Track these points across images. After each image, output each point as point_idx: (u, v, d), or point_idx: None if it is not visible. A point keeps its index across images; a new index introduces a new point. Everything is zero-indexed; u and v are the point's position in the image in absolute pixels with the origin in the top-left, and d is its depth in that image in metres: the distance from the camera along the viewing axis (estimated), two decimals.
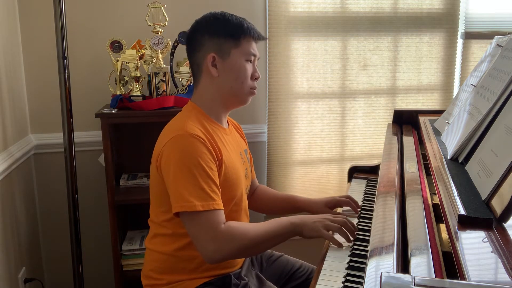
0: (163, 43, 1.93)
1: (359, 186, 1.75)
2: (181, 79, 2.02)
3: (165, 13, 1.95)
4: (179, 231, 1.26)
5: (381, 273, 0.66)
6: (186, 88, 2.02)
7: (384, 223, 1.05)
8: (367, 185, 1.75)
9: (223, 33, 1.29)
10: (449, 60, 2.40)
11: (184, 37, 1.95)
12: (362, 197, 1.61)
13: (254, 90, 1.35)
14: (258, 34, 1.34)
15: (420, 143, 1.65)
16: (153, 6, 1.94)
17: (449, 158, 1.23)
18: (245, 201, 1.41)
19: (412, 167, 1.35)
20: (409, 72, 2.39)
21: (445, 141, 1.38)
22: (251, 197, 1.61)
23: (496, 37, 1.57)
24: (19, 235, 1.90)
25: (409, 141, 1.67)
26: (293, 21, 2.22)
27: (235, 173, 1.32)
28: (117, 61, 1.94)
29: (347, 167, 1.94)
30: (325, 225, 1.23)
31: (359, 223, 1.39)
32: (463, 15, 2.37)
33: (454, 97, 2.11)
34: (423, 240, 0.90)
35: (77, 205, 1.87)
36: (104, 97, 2.06)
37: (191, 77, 1.99)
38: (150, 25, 1.94)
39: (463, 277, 0.70)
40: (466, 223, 0.86)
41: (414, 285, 0.63)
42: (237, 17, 1.33)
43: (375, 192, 1.40)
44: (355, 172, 1.90)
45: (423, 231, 0.93)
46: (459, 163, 1.19)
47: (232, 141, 1.38)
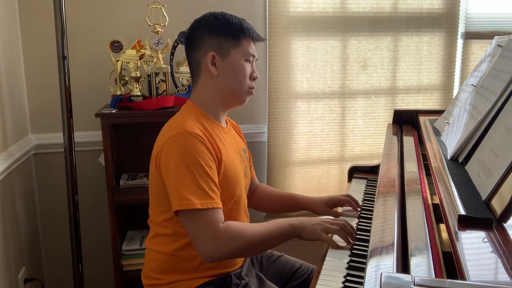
0: (163, 43, 1.93)
1: (359, 186, 1.75)
2: (181, 79, 2.02)
3: (165, 13, 1.95)
4: (179, 230, 1.26)
5: (381, 273, 0.66)
6: (186, 88, 2.02)
7: (384, 223, 1.05)
8: (367, 185, 1.75)
9: (223, 32, 1.30)
10: (449, 60, 2.40)
11: (184, 37, 1.95)
12: (362, 197, 1.61)
13: (252, 90, 1.36)
14: (257, 35, 1.35)
15: (420, 143, 1.65)
16: (153, 6, 1.94)
17: (449, 158, 1.23)
18: (244, 200, 1.41)
19: (412, 167, 1.35)
20: (409, 72, 2.39)
21: (445, 141, 1.38)
22: (252, 196, 1.62)
23: (496, 37, 1.57)
24: (19, 235, 1.90)
25: (409, 141, 1.67)
26: (293, 21, 2.22)
27: (234, 171, 1.32)
28: (117, 61, 1.94)
29: (347, 167, 1.94)
30: (324, 228, 1.24)
31: (359, 223, 1.39)
32: (463, 15, 2.37)
33: (454, 97, 2.11)
34: (423, 240, 0.90)
35: (77, 205, 1.87)
36: (104, 97, 2.06)
37: (191, 77, 1.98)
38: (150, 25, 1.94)
39: (463, 277, 0.70)
40: (466, 223, 0.86)
41: (414, 285, 0.63)
42: (237, 17, 1.34)
43: (375, 192, 1.40)
44: (355, 172, 1.90)
45: (423, 231, 0.93)
46: (459, 163, 1.19)
47: (230, 140, 1.39)
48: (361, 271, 1.10)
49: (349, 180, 1.88)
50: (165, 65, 1.94)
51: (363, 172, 1.90)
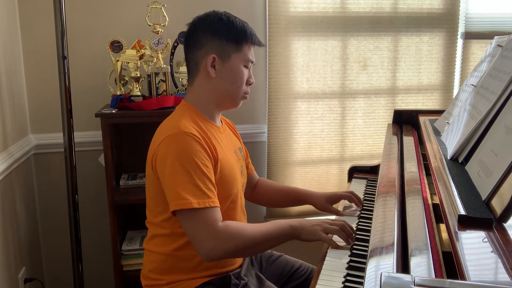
0: (163, 43, 1.93)
1: (359, 186, 1.75)
2: (181, 79, 2.02)
3: (165, 13, 1.95)
4: (177, 230, 1.26)
5: (381, 273, 0.66)
6: (186, 88, 2.01)
7: (384, 223, 1.05)
8: (367, 185, 1.75)
9: (226, 36, 1.29)
10: (449, 60, 2.40)
11: (184, 37, 1.95)
12: (362, 197, 1.61)
13: (247, 95, 1.37)
14: (258, 40, 1.35)
15: (420, 143, 1.65)
16: (153, 6, 1.94)
17: (449, 158, 1.23)
18: (241, 199, 1.42)
19: (412, 167, 1.35)
20: (409, 72, 2.39)
21: (445, 141, 1.38)
22: (253, 191, 1.63)
23: (496, 37, 1.57)
24: (19, 235, 1.90)
25: (409, 141, 1.67)
26: (293, 21, 2.22)
27: (231, 170, 1.32)
28: (117, 61, 1.93)
29: (347, 167, 1.94)
30: (323, 228, 1.24)
31: (359, 223, 1.39)
32: (463, 15, 2.37)
33: (454, 97, 2.11)
34: (423, 240, 0.90)
35: (77, 205, 1.87)
36: (104, 97, 2.06)
37: (187, 74, 1.98)
38: (150, 25, 1.94)
39: (463, 277, 0.70)
40: (466, 223, 0.86)
41: (414, 285, 0.63)
42: (240, 20, 1.33)
43: (375, 192, 1.40)
44: (355, 172, 1.90)
45: (423, 231, 0.93)
46: (459, 163, 1.19)
47: (226, 139, 1.39)
48: (361, 271, 1.10)
49: (349, 180, 1.88)
50: (165, 65, 1.94)
51: (363, 172, 1.90)
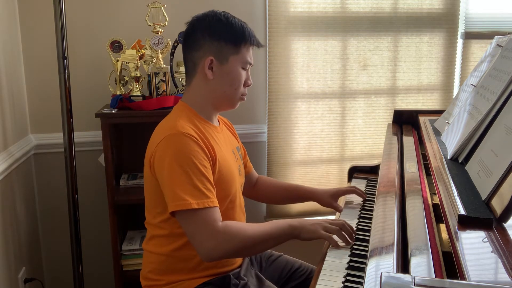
0: (163, 43, 1.93)
1: (359, 186, 1.75)
2: (181, 79, 2.02)
3: (165, 13, 1.95)
4: (176, 231, 1.26)
5: (381, 273, 0.66)
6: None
7: (384, 223, 1.05)
8: (367, 185, 1.75)
9: (224, 37, 1.29)
10: (449, 60, 2.40)
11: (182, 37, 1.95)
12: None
13: (244, 96, 1.37)
14: (257, 42, 1.35)
15: (420, 143, 1.65)
16: (153, 6, 1.94)
17: (449, 158, 1.23)
18: (240, 198, 1.42)
19: (412, 167, 1.35)
20: (409, 72, 2.39)
21: (445, 141, 1.38)
22: (254, 188, 1.64)
23: (496, 37, 1.57)
24: (19, 235, 1.90)
25: (409, 141, 1.67)
26: (293, 21, 2.22)
27: (229, 170, 1.32)
28: (117, 61, 1.94)
29: (347, 167, 1.94)
30: (323, 227, 1.24)
31: (359, 223, 1.39)
32: (463, 15, 2.37)
33: (454, 97, 2.11)
34: (423, 240, 0.90)
35: (77, 205, 1.87)
36: (104, 97, 2.06)
37: (185, 74, 1.98)
38: (150, 25, 1.94)
39: (463, 277, 0.70)
40: (466, 223, 0.86)
41: (414, 285, 0.63)
42: (240, 21, 1.32)
43: (375, 192, 1.40)
44: (355, 172, 1.90)
45: (423, 231, 0.93)
46: (459, 163, 1.19)
47: (224, 139, 1.39)
48: (361, 271, 1.10)
49: (349, 180, 1.88)
50: (165, 65, 1.94)
51: (363, 172, 1.90)
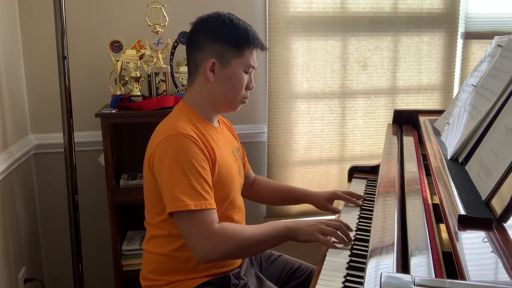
0: (163, 43, 1.93)
1: (359, 186, 1.75)
2: (181, 79, 2.02)
3: (165, 13, 1.95)
4: (175, 231, 1.26)
5: (381, 273, 0.66)
6: (185, 88, 2.01)
7: (384, 223, 1.05)
8: (367, 185, 1.75)
9: (227, 40, 1.28)
10: (449, 60, 2.40)
11: (184, 37, 1.95)
12: None
13: (245, 99, 1.36)
14: (262, 45, 1.33)
15: (420, 143, 1.65)
16: (153, 6, 1.94)
17: (449, 158, 1.23)
18: (239, 199, 1.42)
19: (412, 167, 1.35)
20: (409, 72, 2.39)
21: (445, 141, 1.38)
22: (251, 189, 1.63)
23: (496, 37, 1.57)
24: (19, 235, 1.90)
25: (409, 141, 1.67)
26: (293, 21, 2.22)
27: (229, 171, 1.32)
28: (117, 61, 1.93)
29: (347, 167, 1.94)
30: (320, 229, 1.24)
31: (359, 223, 1.39)
32: (463, 15, 2.37)
33: (454, 97, 2.11)
34: (423, 240, 0.90)
35: (77, 205, 1.87)
36: (104, 97, 2.06)
37: (188, 75, 1.98)
38: (150, 25, 1.94)
39: (463, 277, 0.70)
40: (466, 223, 0.86)
41: (414, 285, 0.63)
42: (244, 24, 1.31)
43: (375, 192, 1.40)
44: (355, 172, 1.90)
45: (423, 231, 0.93)
46: (459, 163, 1.19)
47: (224, 140, 1.39)
48: (361, 271, 1.10)
49: (349, 180, 1.88)
50: (165, 65, 1.94)
51: (363, 172, 1.90)
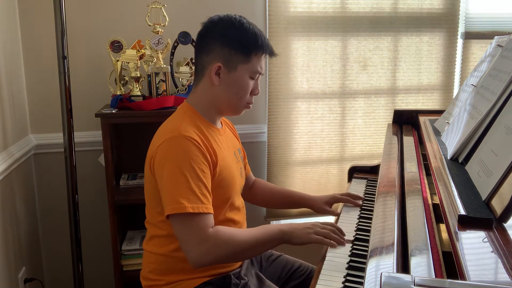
0: (163, 43, 1.93)
1: (359, 186, 1.75)
2: (181, 79, 2.02)
3: (165, 13, 1.95)
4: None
5: (381, 273, 0.66)
6: (186, 88, 2.01)
7: (384, 223, 1.05)
8: (367, 185, 1.75)
9: (235, 45, 1.26)
10: (449, 60, 2.40)
11: (184, 37, 1.95)
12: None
13: (250, 104, 1.35)
14: (270, 51, 1.32)
15: (420, 143, 1.65)
16: (153, 6, 1.94)
17: (449, 158, 1.23)
18: (240, 200, 1.42)
19: (412, 167, 1.35)
20: (409, 72, 2.39)
21: (445, 141, 1.38)
22: (250, 191, 1.63)
23: (496, 37, 1.57)
24: (19, 235, 1.90)
25: (409, 141, 1.67)
26: (293, 21, 2.22)
27: (230, 173, 1.32)
28: (117, 61, 1.93)
29: (347, 167, 1.94)
30: (315, 232, 1.25)
31: (359, 223, 1.39)
32: (463, 15, 2.37)
33: (454, 97, 2.11)
34: (423, 240, 0.90)
35: (77, 205, 1.87)
36: (104, 97, 2.06)
37: (191, 77, 1.99)
38: (150, 25, 1.94)
39: (463, 277, 0.70)
40: (466, 223, 0.86)
41: (414, 285, 0.63)
42: (254, 29, 1.29)
43: (375, 192, 1.40)
44: (355, 172, 1.90)
45: (423, 231, 0.93)
46: (459, 163, 1.19)
47: (226, 141, 1.39)
48: (361, 271, 1.10)
49: (349, 180, 1.88)
50: (165, 65, 1.94)
51: (363, 172, 1.90)
